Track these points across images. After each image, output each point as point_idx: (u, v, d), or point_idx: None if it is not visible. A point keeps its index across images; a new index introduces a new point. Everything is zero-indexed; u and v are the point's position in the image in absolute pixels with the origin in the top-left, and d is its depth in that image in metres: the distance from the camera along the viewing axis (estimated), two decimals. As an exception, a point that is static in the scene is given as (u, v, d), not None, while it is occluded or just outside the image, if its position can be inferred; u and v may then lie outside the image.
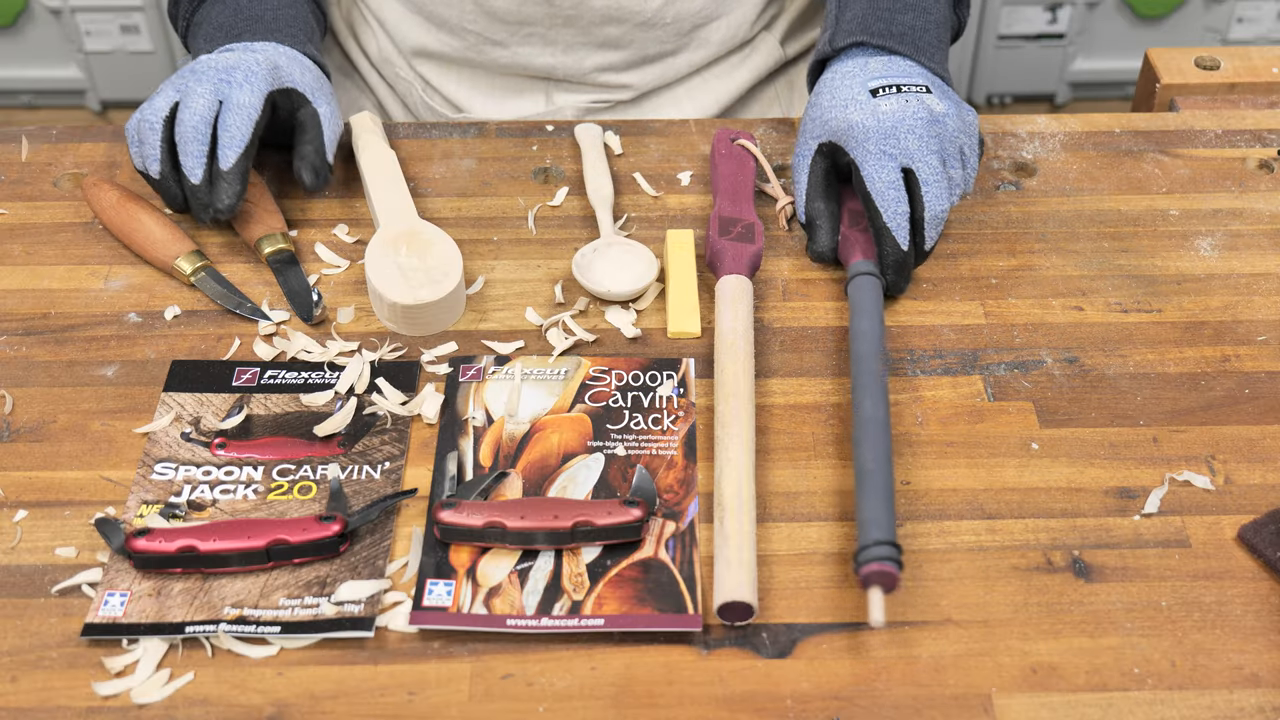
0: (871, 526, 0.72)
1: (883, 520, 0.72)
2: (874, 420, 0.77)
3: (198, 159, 0.88)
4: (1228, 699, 0.69)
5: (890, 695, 0.69)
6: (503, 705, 0.68)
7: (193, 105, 0.89)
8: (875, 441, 0.76)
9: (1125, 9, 2.26)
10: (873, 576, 0.70)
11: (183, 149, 0.88)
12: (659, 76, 1.12)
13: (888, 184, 0.86)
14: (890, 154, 0.87)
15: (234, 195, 0.88)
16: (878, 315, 0.84)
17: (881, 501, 0.73)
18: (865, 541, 0.71)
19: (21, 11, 2.24)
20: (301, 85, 0.93)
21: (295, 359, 0.86)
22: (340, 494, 0.77)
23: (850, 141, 0.88)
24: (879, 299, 0.86)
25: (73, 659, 0.70)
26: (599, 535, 0.74)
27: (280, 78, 0.92)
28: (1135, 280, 0.92)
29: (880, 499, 0.73)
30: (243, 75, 0.90)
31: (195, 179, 0.88)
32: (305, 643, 0.71)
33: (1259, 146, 1.03)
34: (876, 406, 0.78)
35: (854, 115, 0.88)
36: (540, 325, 0.88)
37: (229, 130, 0.88)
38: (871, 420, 0.77)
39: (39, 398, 0.83)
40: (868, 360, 0.81)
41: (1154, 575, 0.74)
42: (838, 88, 0.91)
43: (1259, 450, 0.81)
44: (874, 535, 0.71)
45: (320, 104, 0.94)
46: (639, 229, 0.95)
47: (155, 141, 0.89)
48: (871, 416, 0.78)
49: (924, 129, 0.87)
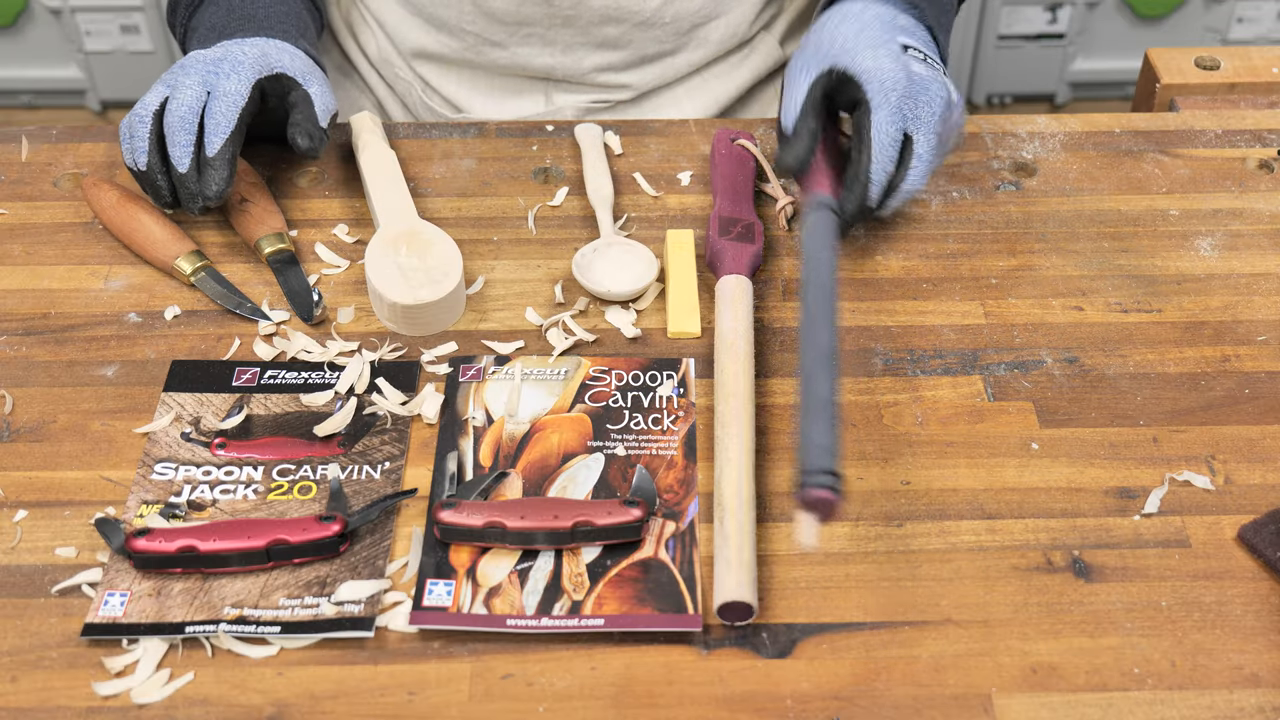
0: (820, 452, 0.70)
1: (831, 447, 0.70)
2: (830, 350, 0.75)
3: (185, 148, 0.88)
4: (1228, 699, 0.69)
5: (890, 695, 0.69)
6: (503, 705, 0.68)
7: (180, 97, 0.89)
8: (830, 370, 0.74)
9: (1125, 9, 2.26)
10: (815, 503, 0.68)
11: (170, 139, 0.89)
12: (658, 76, 1.12)
13: (891, 140, 0.86)
14: (905, 114, 0.86)
15: (222, 182, 0.88)
16: (835, 247, 0.83)
17: (830, 428, 0.71)
18: (811, 467, 0.69)
19: (21, 11, 2.24)
20: (291, 70, 0.93)
21: (295, 359, 0.86)
22: (340, 494, 0.77)
23: (874, 86, 0.86)
24: (836, 235, 0.85)
25: (73, 659, 0.70)
26: (599, 535, 0.74)
27: (269, 64, 0.92)
28: (1135, 280, 0.92)
29: (830, 425, 0.71)
30: (230, 65, 0.90)
31: (182, 168, 0.88)
32: (305, 643, 0.71)
33: (1259, 146, 1.03)
34: (832, 336, 0.76)
35: (886, 63, 0.87)
36: (540, 325, 0.88)
37: (215, 118, 0.89)
38: (829, 351, 0.75)
39: (39, 398, 0.83)
40: (823, 288, 0.79)
41: (1154, 575, 0.74)
42: (867, 24, 0.89)
43: (1259, 450, 0.81)
44: (820, 463, 0.69)
45: (312, 85, 0.94)
46: (639, 229, 0.95)
47: (144, 134, 0.90)
48: (829, 347, 0.75)
49: (940, 106, 0.87)
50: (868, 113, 0.86)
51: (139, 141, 0.90)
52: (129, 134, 0.91)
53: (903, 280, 0.91)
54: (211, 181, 0.88)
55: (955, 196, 0.98)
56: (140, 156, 0.90)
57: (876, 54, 0.87)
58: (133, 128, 0.90)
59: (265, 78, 0.92)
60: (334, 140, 1.02)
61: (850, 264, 0.93)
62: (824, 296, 0.79)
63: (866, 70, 0.87)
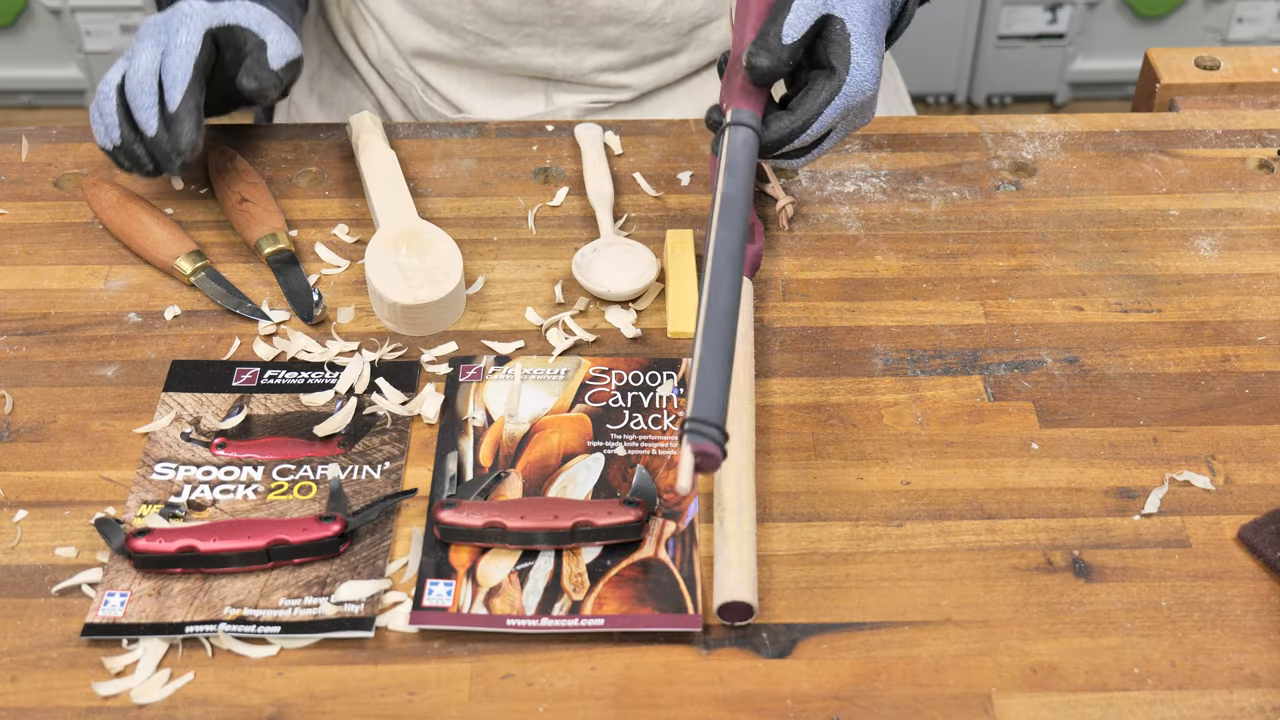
0: (714, 405, 0.67)
1: (723, 400, 0.68)
2: (730, 312, 0.72)
3: (150, 110, 0.88)
4: (1228, 699, 0.69)
5: (890, 695, 0.69)
6: (503, 705, 0.68)
7: (136, 63, 0.89)
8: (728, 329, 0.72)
9: (1125, 9, 2.26)
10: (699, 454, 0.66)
11: (134, 105, 0.88)
12: (659, 77, 1.12)
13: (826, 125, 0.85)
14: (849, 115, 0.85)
15: (190, 133, 0.88)
16: (750, 178, 0.80)
17: (725, 379, 0.69)
18: (702, 416, 0.67)
19: (21, 11, 2.24)
20: (245, 21, 0.92)
21: (295, 359, 0.86)
22: (340, 494, 0.77)
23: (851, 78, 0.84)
24: (754, 161, 0.81)
25: (73, 659, 0.70)
26: (599, 535, 0.74)
27: (221, 17, 0.91)
28: (1135, 280, 0.92)
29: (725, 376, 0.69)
30: (179, 20, 0.90)
31: (151, 130, 0.88)
32: (305, 643, 0.71)
33: (1259, 146, 1.03)
34: (733, 297, 0.73)
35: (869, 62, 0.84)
36: (540, 325, 0.88)
37: (170, 72, 0.88)
38: (729, 311, 0.72)
39: (39, 398, 0.83)
40: (739, 218, 0.76)
41: (1154, 575, 0.74)
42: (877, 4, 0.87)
43: (1259, 450, 0.81)
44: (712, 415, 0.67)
45: (268, 33, 0.92)
46: (639, 229, 0.95)
47: (111, 110, 0.89)
48: (728, 307, 0.72)
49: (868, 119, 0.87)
50: (831, 90, 0.84)
51: (109, 118, 0.89)
52: (98, 114, 0.91)
53: (903, 280, 0.91)
54: (180, 135, 0.87)
55: (955, 196, 0.98)
56: (113, 131, 0.89)
57: (870, 47, 0.85)
58: (100, 106, 0.90)
59: (218, 28, 0.91)
60: (334, 140, 1.02)
61: (850, 264, 0.93)
62: (736, 229, 0.76)
63: (856, 60, 0.84)
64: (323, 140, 1.03)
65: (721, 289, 0.72)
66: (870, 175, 1.00)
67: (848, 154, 1.02)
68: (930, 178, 1.00)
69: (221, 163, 0.97)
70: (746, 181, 0.78)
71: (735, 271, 0.73)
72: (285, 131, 1.04)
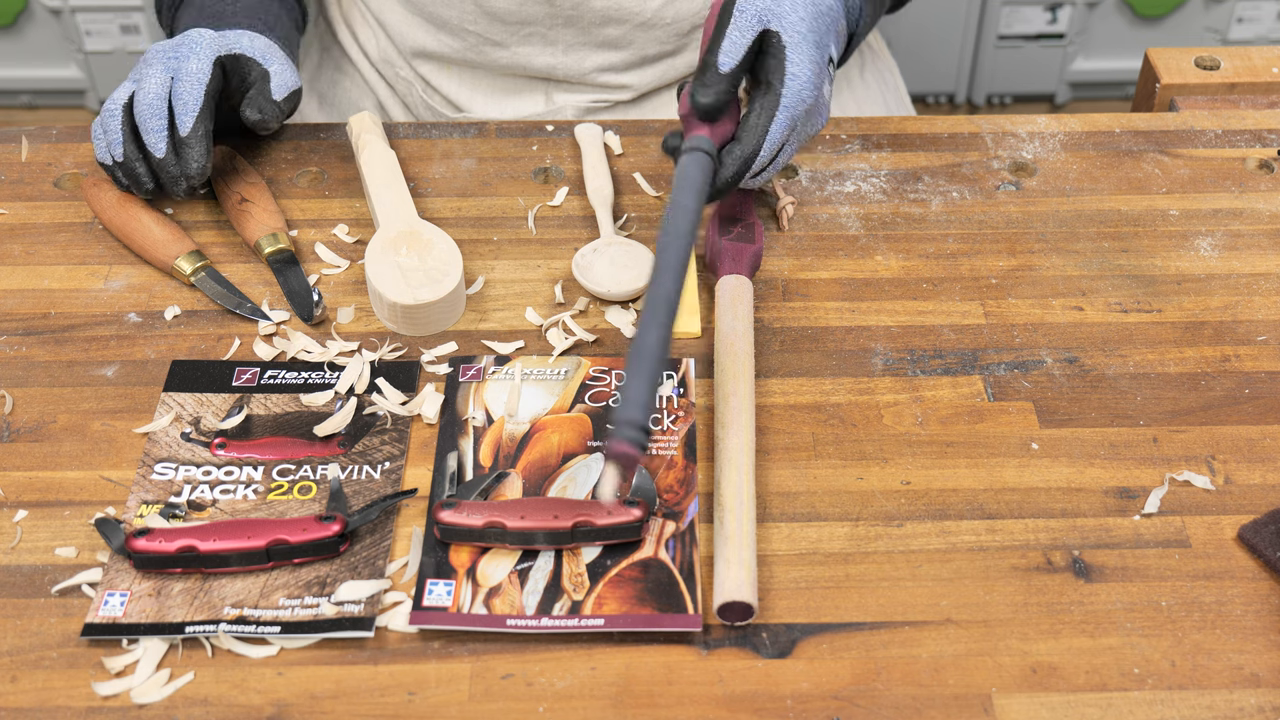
0: (633, 406, 0.69)
1: (644, 402, 0.69)
2: (670, 301, 0.73)
3: (159, 134, 0.90)
4: (1228, 699, 0.69)
5: (890, 695, 0.69)
6: (503, 705, 0.68)
7: (146, 86, 0.91)
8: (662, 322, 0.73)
9: (1125, 9, 2.26)
10: (618, 456, 0.67)
11: (143, 127, 0.90)
12: (659, 77, 1.12)
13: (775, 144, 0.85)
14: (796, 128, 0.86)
15: (201, 159, 0.90)
16: (703, 194, 0.81)
17: (648, 382, 0.70)
18: (622, 418, 0.68)
19: (21, 11, 2.24)
20: (250, 51, 0.95)
21: (295, 359, 0.86)
22: (340, 494, 0.77)
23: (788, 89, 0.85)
24: (708, 182, 0.82)
25: (73, 659, 0.70)
26: (599, 535, 0.74)
27: (228, 45, 0.94)
28: (1135, 280, 0.92)
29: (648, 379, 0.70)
30: (189, 48, 0.92)
31: (159, 153, 0.90)
32: (305, 643, 0.71)
33: (1259, 146, 1.03)
34: (676, 286, 0.74)
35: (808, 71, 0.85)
36: (540, 325, 0.88)
37: (182, 99, 0.90)
38: (666, 300, 0.73)
39: (39, 398, 0.83)
40: (681, 237, 0.77)
41: (1154, 575, 0.74)
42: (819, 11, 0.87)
43: (1259, 450, 0.81)
44: (631, 415, 0.68)
45: (271, 64, 0.95)
46: (639, 229, 0.95)
47: (116, 127, 0.91)
48: (668, 296, 0.74)
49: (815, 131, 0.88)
50: (770, 109, 0.84)
51: (113, 135, 0.91)
52: (101, 130, 0.92)
53: (903, 280, 0.91)
54: (190, 160, 0.90)
55: (955, 196, 0.98)
56: (116, 148, 0.91)
57: (806, 54, 0.85)
58: (105, 123, 0.92)
59: (225, 57, 0.93)
60: (334, 140, 1.03)
61: (850, 264, 0.93)
62: (680, 247, 0.77)
63: (791, 70, 0.85)
64: (323, 140, 1.03)
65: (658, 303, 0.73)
66: (870, 175, 1.00)
67: (847, 154, 1.02)
68: (930, 178, 1.00)
69: (221, 163, 0.97)
70: (696, 203, 0.79)
71: (674, 282, 0.74)
72: (285, 131, 1.04)
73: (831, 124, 1.04)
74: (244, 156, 1.00)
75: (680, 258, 0.76)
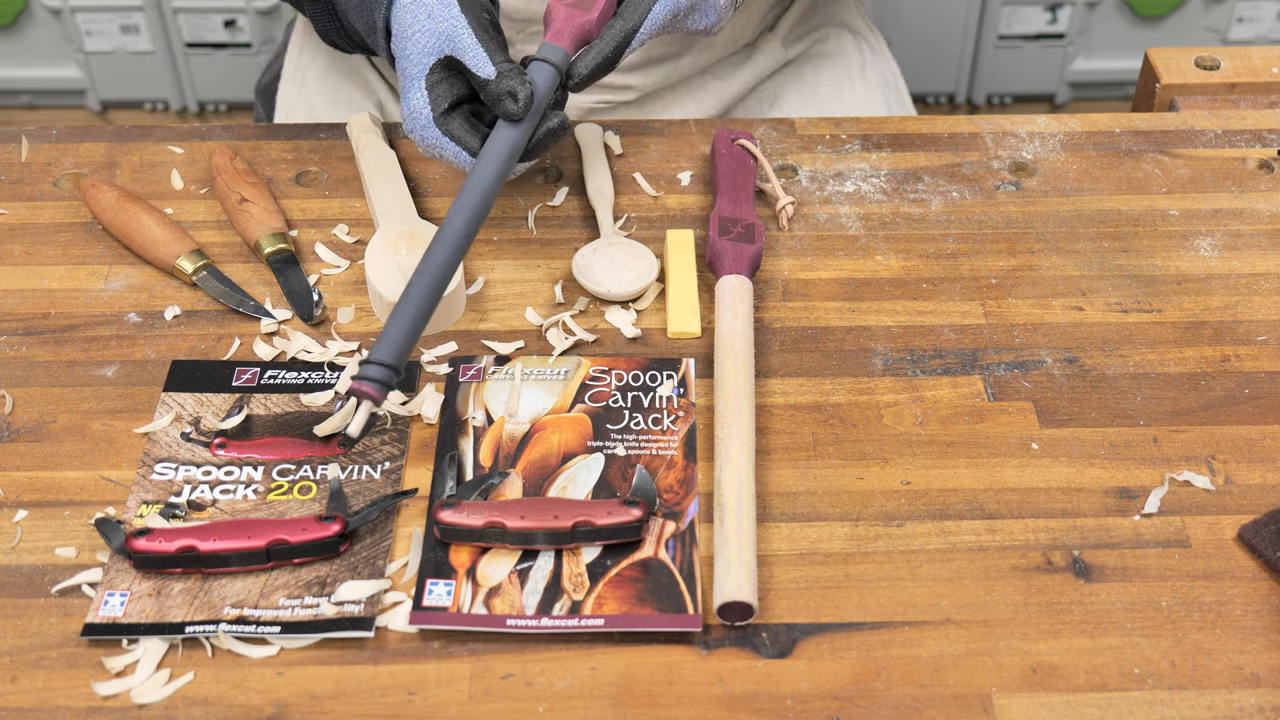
0: (385, 345, 0.70)
1: (396, 342, 0.70)
2: (451, 243, 0.74)
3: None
4: (1228, 699, 0.69)
5: (890, 695, 0.69)
6: (503, 705, 0.68)
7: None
8: (440, 264, 0.73)
9: (1125, 9, 2.26)
10: (358, 393, 0.70)
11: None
12: (662, 78, 1.12)
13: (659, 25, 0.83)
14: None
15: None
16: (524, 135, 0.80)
17: (405, 324, 0.71)
18: (372, 358, 0.70)
19: (21, 11, 2.24)
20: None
21: (295, 359, 0.86)
22: (340, 494, 0.77)
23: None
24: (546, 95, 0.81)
25: (73, 659, 0.70)
26: (599, 535, 0.74)
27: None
28: (1135, 280, 0.92)
29: (405, 321, 0.71)
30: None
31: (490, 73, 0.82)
32: (305, 643, 0.71)
33: (1259, 146, 1.03)
34: (466, 225, 0.75)
35: None
36: (540, 325, 0.88)
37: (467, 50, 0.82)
38: (448, 242, 0.74)
39: (39, 398, 0.83)
40: (487, 175, 0.77)
41: (1154, 575, 0.74)
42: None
43: (1259, 450, 0.81)
44: (377, 355, 0.70)
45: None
46: (639, 229, 0.95)
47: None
48: (453, 238, 0.74)
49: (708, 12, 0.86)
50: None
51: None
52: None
53: (903, 280, 0.91)
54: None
55: (955, 196, 0.98)
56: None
57: None
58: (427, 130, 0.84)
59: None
60: (334, 140, 1.03)
61: (850, 264, 0.93)
62: (486, 183, 0.77)
63: None
64: (323, 140, 1.03)
65: (439, 242, 0.73)
66: (870, 175, 1.00)
67: (847, 154, 1.02)
68: (930, 178, 1.00)
69: (221, 163, 0.97)
70: (504, 149, 0.78)
71: (465, 222, 0.74)
72: (285, 131, 1.04)
73: (831, 124, 1.04)
74: (244, 157, 1.00)
75: (484, 192, 0.75)
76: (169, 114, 2.37)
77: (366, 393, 0.69)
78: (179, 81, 2.31)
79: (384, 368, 0.69)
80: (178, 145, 1.02)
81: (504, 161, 0.79)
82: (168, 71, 2.30)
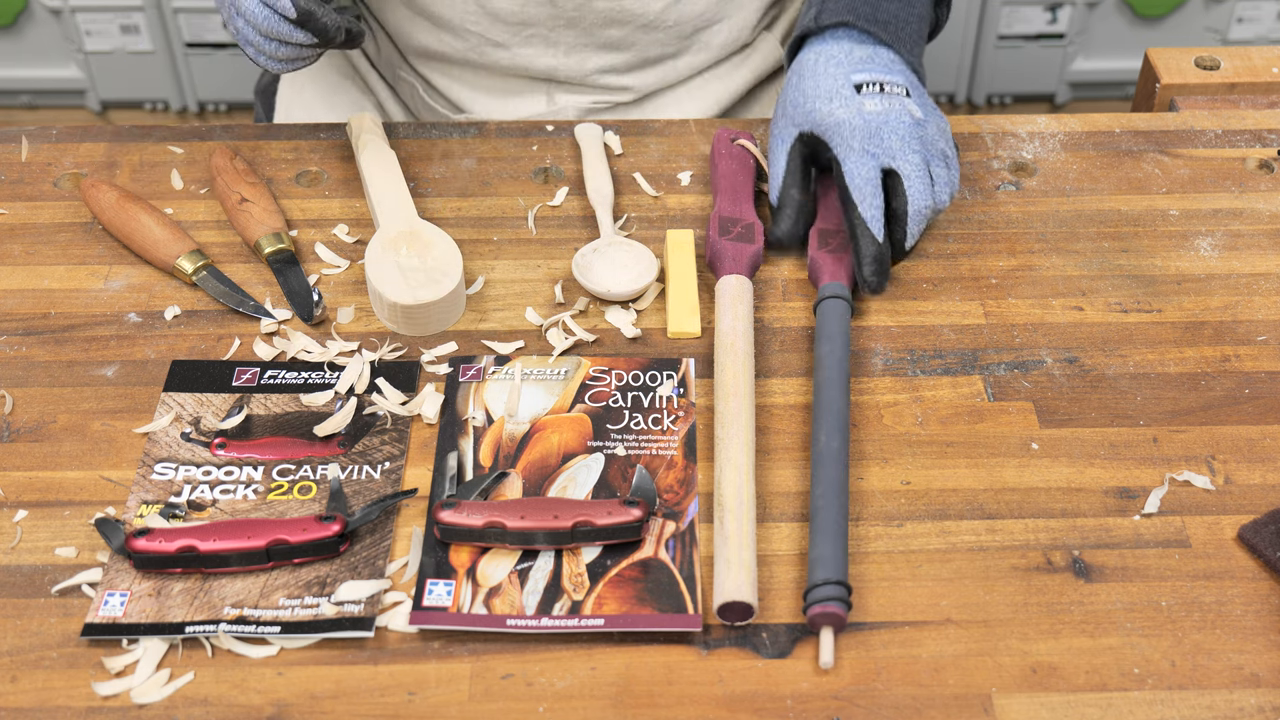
0: (819, 565, 0.71)
1: (830, 559, 0.71)
2: (829, 453, 0.77)
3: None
4: (1228, 699, 0.69)
5: (890, 695, 0.69)
6: (503, 705, 0.68)
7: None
8: (830, 476, 0.76)
9: (1125, 9, 2.26)
10: (819, 618, 0.70)
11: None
12: (660, 78, 1.12)
13: (866, 180, 0.87)
14: (873, 153, 0.87)
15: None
16: (843, 340, 0.84)
17: (830, 540, 0.72)
18: (814, 581, 0.71)
19: (21, 11, 2.24)
20: None
21: (295, 359, 0.86)
22: (340, 494, 0.77)
23: (835, 138, 0.88)
24: (846, 323, 0.85)
25: (73, 659, 0.70)
26: (599, 535, 0.74)
27: None
28: (1135, 280, 0.92)
29: (829, 537, 0.73)
30: None
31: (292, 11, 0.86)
32: (305, 643, 0.71)
33: (1259, 146, 1.03)
34: (832, 438, 0.77)
35: (840, 112, 0.88)
36: (540, 325, 0.88)
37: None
38: (826, 453, 0.77)
39: (39, 398, 0.83)
40: (828, 389, 0.80)
41: (1154, 575, 0.74)
42: (821, 74, 0.91)
43: (1259, 450, 0.81)
44: (821, 575, 0.71)
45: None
46: (639, 229, 0.95)
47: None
48: (826, 450, 0.77)
49: (907, 130, 0.88)
50: (839, 165, 0.88)
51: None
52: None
53: (903, 280, 0.91)
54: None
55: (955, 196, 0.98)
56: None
57: (832, 108, 0.89)
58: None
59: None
60: (334, 140, 1.03)
61: (850, 264, 0.93)
62: (832, 400, 0.80)
63: (827, 128, 0.89)
64: (323, 140, 1.03)
65: (830, 459, 0.77)
66: (870, 175, 1.00)
67: (848, 154, 1.01)
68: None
69: (221, 163, 0.97)
70: (842, 351, 0.83)
71: (843, 439, 0.78)
72: (285, 131, 1.04)
73: (831, 124, 1.04)
74: (244, 157, 1.00)
75: (836, 410, 0.79)
76: (169, 114, 2.37)
77: (834, 613, 0.70)
78: (179, 81, 2.31)
79: (840, 585, 0.71)
80: (178, 145, 1.02)
81: (846, 369, 0.83)
82: (168, 71, 2.30)
